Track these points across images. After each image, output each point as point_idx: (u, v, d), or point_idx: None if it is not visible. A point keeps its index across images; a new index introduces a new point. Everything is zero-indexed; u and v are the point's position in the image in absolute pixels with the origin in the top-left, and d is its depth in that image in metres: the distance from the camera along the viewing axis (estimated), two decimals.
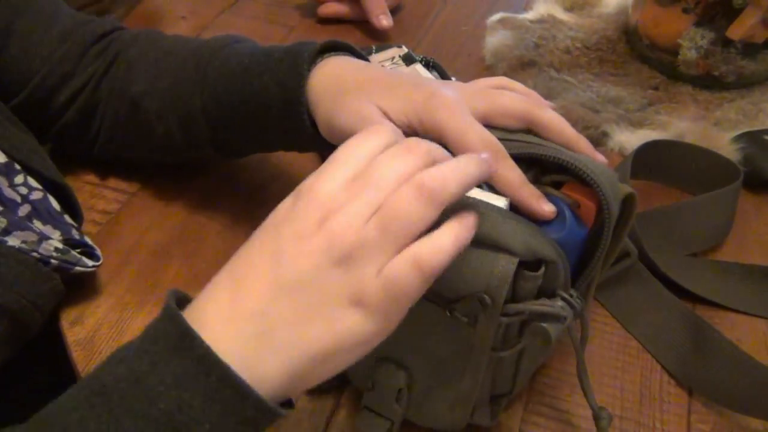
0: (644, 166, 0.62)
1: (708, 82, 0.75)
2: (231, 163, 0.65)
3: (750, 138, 0.66)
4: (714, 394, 0.49)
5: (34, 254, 0.47)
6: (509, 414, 0.47)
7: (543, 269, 0.36)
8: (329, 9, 0.86)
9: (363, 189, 0.32)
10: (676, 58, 0.74)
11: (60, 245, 0.48)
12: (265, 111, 0.49)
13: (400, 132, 0.36)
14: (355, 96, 0.44)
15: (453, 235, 0.32)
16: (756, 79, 0.76)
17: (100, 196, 0.61)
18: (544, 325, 0.35)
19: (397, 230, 0.31)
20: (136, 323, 0.51)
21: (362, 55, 0.50)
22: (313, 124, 0.47)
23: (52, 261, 0.48)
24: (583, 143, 0.43)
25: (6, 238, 0.46)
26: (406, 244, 0.31)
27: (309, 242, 0.31)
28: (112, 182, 0.62)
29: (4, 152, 0.49)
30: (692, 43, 0.73)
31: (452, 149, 0.39)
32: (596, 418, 0.41)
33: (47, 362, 0.56)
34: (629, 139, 0.69)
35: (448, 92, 0.42)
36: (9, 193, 0.48)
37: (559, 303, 0.36)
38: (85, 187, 0.62)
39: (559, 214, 0.38)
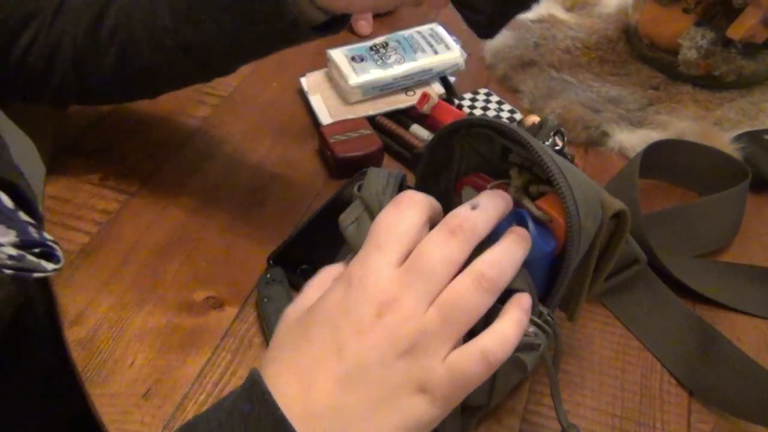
0: (652, 166, 0.62)
1: (708, 82, 0.75)
2: (231, 163, 0.65)
3: (750, 138, 0.66)
4: (719, 401, 0.48)
5: None
6: (510, 413, 0.47)
7: None
8: None
9: (415, 280, 0.32)
10: (676, 58, 0.75)
11: (14, 252, 0.44)
12: None
13: (429, 201, 0.36)
14: None
15: (515, 323, 0.33)
16: (756, 79, 0.76)
17: (100, 196, 0.61)
18: (519, 354, 0.35)
19: (459, 319, 0.32)
20: (136, 323, 0.51)
21: None
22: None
23: (6, 270, 0.44)
24: None
25: None
26: (467, 330, 0.33)
27: (370, 337, 0.32)
28: (112, 182, 0.62)
29: None
30: (692, 43, 0.73)
31: None
32: None
33: (47, 362, 0.56)
34: (629, 138, 0.69)
35: None
36: None
37: (532, 329, 0.35)
38: (85, 187, 0.62)
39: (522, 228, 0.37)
